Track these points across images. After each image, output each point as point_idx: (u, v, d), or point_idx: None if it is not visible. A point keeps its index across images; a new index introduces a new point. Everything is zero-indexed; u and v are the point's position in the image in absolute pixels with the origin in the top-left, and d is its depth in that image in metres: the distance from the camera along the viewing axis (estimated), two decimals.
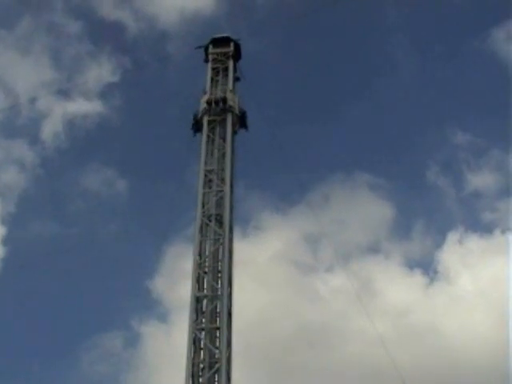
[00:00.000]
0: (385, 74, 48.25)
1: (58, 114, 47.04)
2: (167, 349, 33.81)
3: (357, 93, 47.43)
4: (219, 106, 24.70)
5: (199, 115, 24.85)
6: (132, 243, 41.99)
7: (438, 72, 48.62)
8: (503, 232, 43.04)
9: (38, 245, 42.55)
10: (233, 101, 25.00)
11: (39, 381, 35.34)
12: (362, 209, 44.12)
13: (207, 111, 24.74)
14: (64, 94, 45.97)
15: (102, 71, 45.66)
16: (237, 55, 26.47)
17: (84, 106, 46.98)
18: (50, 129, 46.72)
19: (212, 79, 25.85)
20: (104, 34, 50.18)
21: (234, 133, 24.90)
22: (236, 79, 26.09)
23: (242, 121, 25.17)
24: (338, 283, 39.79)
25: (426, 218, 44.79)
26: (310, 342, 35.36)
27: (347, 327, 36.34)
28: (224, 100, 24.71)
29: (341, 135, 45.05)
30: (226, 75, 25.87)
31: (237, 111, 24.99)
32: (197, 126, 24.84)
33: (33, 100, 45.05)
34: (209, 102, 24.74)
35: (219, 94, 25.12)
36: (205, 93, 25.26)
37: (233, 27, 27.37)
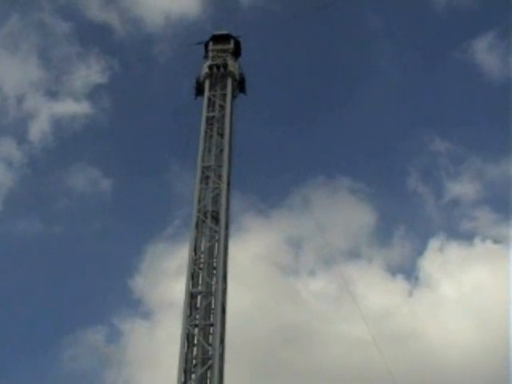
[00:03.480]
0: (366, 80, 48.88)
1: (46, 115, 47.53)
2: (150, 346, 33.73)
3: (338, 98, 48.05)
4: (220, 71, 25.67)
5: (201, 79, 25.88)
6: (114, 242, 42.89)
7: (419, 80, 49.34)
8: (483, 240, 43.71)
9: (22, 243, 43.07)
10: (233, 67, 26.06)
11: (21, 376, 35.26)
12: (343, 213, 44.31)
13: (208, 75, 25.66)
14: (52, 94, 46.58)
15: (90, 72, 45.81)
16: (237, 52, 26.65)
17: (72, 107, 47.47)
18: (38, 129, 47.27)
19: (211, 76, 25.82)
20: (92, 36, 50.53)
21: (233, 97, 25.80)
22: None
23: (240, 86, 26.30)
24: (319, 286, 40.13)
25: (407, 224, 45.13)
26: (290, 342, 35.43)
27: (328, 329, 36.56)
28: (225, 65, 25.70)
29: (322, 139, 45.22)
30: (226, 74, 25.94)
31: (237, 76, 26.02)
32: (198, 90, 25.89)
33: (21, 100, 44.92)
34: (210, 67, 25.78)
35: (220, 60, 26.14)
36: (206, 58, 26.47)
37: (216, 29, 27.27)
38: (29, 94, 45.65)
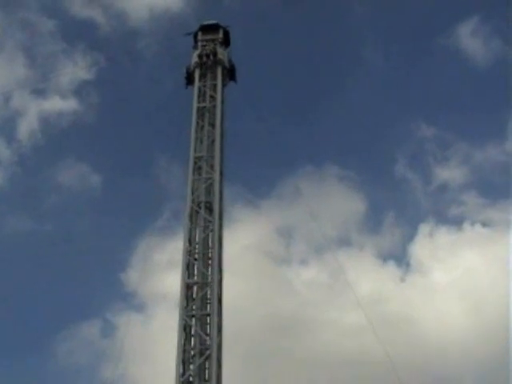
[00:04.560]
0: (353, 69, 49.04)
1: (34, 112, 47.32)
2: (145, 339, 33.71)
3: (325, 88, 48.10)
4: (210, 59, 25.65)
5: (191, 68, 25.89)
6: (105, 236, 42.52)
7: (404, 67, 49.44)
8: (472, 224, 44.01)
9: (14, 240, 42.79)
10: (222, 55, 26.06)
11: (16, 372, 35.29)
12: (333, 201, 44.37)
13: (198, 64, 25.72)
14: (39, 92, 46.58)
15: (76, 69, 45.75)
16: (226, 42, 26.61)
17: (59, 104, 47.24)
18: (26, 127, 46.96)
19: (201, 66, 25.77)
20: (77, 32, 50.21)
21: (224, 85, 25.79)
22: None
23: (230, 74, 26.35)
24: (311, 275, 40.26)
25: (397, 210, 45.28)
26: (283, 331, 35.56)
27: (321, 317, 36.64)
28: (214, 53, 25.70)
29: (309, 128, 45.28)
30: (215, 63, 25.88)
31: (226, 64, 26.02)
32: (188, 80, 25.89)
33: (8, 98, 44.86)
34: (200, 56, 25.75)
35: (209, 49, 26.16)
36: (196, 48, 26.49)
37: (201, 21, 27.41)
38: (16, 93, 45.54)
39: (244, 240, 35.50)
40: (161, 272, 30.52)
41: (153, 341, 32.80)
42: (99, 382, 33.14)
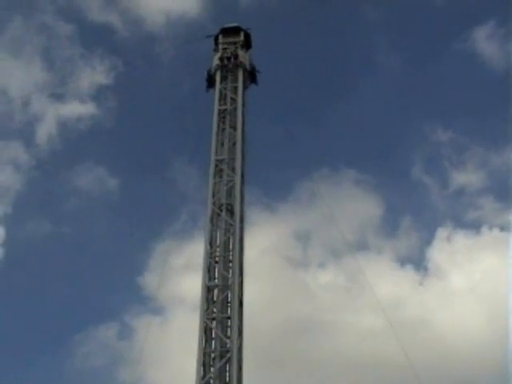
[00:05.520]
0: (368, 73, 48.89)
1: (52, 117, 47.54)
2: (162, 342, 33.74)
3: (342, 91, 48.26)
4: (231, 62, 25.67)
5: (212, 71, 25.90)
6: (122, 240, 42.89)
7: (420, 71, 49.25)
8: (490, 228, 43.80)
9: (32, 244, 43.29)
10: (243, 57, 26.04)
11: (33, 374, 35.57)
12: (349, 205, 44.28)
13: (219, 67, 25.70)
14: (57, 96, 46.86)
15: (94, 73, 45.97)
16: (247, 44, 26.62)
17: (77, 108, 47.50)
18: (45, 132, 47.19)
19: (222, 68, 25.79)
20: (94, 37, 50.51)
21: (245, 88, 25.84)
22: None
23: (251, 76, 26.38)
24: (329, 278, 40.20)
25: (414, 214, 45.20)
26: (300, 333, 35.56)
27: (338, 320, 36.64)
28: (235, 56, 25.75)
29: (326, 132, 45.39)
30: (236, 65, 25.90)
31: (247, 66, 26.01)
32: (209, 82, 25.96)
33: (26, 103, 45.19)
34: (221, 58, 25.77)
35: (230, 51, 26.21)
36: (217, 51, 26.47)
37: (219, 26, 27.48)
38: (34, 97, 45.91)
39: (261, 244, 35.49)
40: (178, 275, 30.66)
41: (171, 344, 32.89)
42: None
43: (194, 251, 26.96)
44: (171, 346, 32.53)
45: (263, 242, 35.94)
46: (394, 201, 45.20)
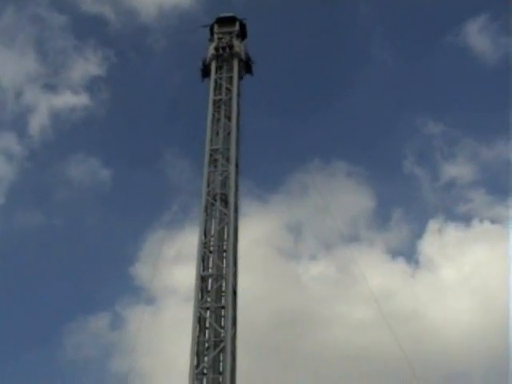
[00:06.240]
0: (361, 66, 49.17)
1: (45, 108, 47.68)
2: (154, 332, 33.71)
3: (335, 84, 48.41)
4: (226, 52, 25.61)
5: (207, 61, 25.83)
6: (114, 231, 42.95)
7: (412, 65, 49.62)
8: (481, 221, 43.99)
9: (25, 235, 43.33)
10: (239, 47, 25.98)
11: (24, 364, 35.70)
12: (341, 197, 44.35)
13: (215, 57, 25.66)
14: (50, 87, 46.97)
15: (87, 65, 45.90)
16: (242, 34, 26.56)
17: (70, 100, 47.61)
18: (37, 122, 47.33)
19: (217, 58, 25.73)
20: (87, 28, 50.74)
21: (240, 78, 25.74)
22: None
23: (247, 67, 26.29)
24: (320, 270, 40.26)
25: (405, 207, 45.36)
26: (291, 324, 35.61)
27: (330, 312, 36.76)
28: (231, 46, 25.69)
29: (318, 123, 45.44)
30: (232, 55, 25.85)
31: (242, 56, 25.94)
32: (205, 72, 25.85)
33: (19, 93, 45.10)
34: (216, 48, 25.72)
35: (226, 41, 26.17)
36: (212, 41, 26.40)
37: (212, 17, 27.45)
38: (27, 88, 45.76)
39: (253, 234, 35.39)
40: (170, 266, 30.59)
41: (163, 334, 32.82)
42: (108, 374, 33.35)
43: (186, 242, 26.99)
44: (163, 337, 32.50)
45: (255, 233, 35.86)
46: (385, 193, 45.37)
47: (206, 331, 20.87)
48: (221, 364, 20.26)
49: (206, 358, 20.39)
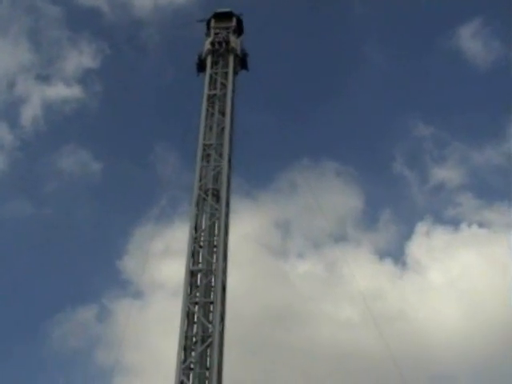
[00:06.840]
0: (353, 67, 49.62)
1: (37, 99, 47.66)
2: (140, 326, 33.68)
3: (326, 84, 48.46)
4: (222, 47, 25.55)
5: (203, 55, 25.79)
6: (103, 223, 43.11)
7: (405, 67, 49.91)
8: (469, 225, 44.15)
9: (13, 225, 43.38)
10: (235, 43, 26.00)
11: (11, 354, 35.67)
12: (330, 196, 44.43)
13: (211, 52, 25.64)
14: (43, 78, 46.81)
15: (81, 57, 45.76)
16: (239, 30, 26.53)
17: (63, 91, 47.64)
18: (30, 113, 47.37)
19: (213, 53, 25.67)
20: (82, 20, 50.58)
21: (235, 74, 25.70)
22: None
23: (242, 62, 26.26)
24: (307, 268, 40.32)
25: (393, 208, 45.51)
26: (278, 322, 35.68)
27: (316, 310, 36.76)
28: (227, 41, 25.64)
29: (308, 122, 45.49)
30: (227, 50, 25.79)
31: (238, 52, 25.94)
32: (200, 66, 25.79)
33: (12, 84, 44.83)
34: (212, 43, 25.71)
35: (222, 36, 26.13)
36: (208, 36, 26.38)
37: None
38: (20, 79, 45.56)
39: (241, 231, 35.34)
40: (158, 260, 30.56)
41: (150, 328, 32.82)
42: (94, 366, 33.31)
43: (175, 236, 26.93)
44: (151, 331, 32.49)
45: (243, 229, 35.78)
46: (374, 193, 45.55)
47: (194, 326, 20.80)
48: (208, 359, 20.20)
49: (193, 353, 20.32)
